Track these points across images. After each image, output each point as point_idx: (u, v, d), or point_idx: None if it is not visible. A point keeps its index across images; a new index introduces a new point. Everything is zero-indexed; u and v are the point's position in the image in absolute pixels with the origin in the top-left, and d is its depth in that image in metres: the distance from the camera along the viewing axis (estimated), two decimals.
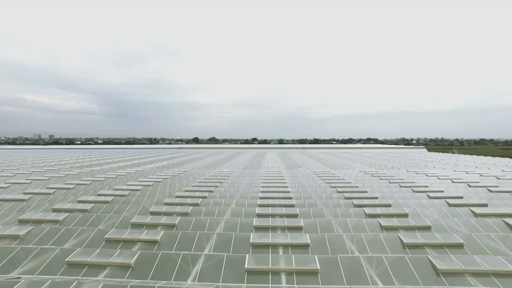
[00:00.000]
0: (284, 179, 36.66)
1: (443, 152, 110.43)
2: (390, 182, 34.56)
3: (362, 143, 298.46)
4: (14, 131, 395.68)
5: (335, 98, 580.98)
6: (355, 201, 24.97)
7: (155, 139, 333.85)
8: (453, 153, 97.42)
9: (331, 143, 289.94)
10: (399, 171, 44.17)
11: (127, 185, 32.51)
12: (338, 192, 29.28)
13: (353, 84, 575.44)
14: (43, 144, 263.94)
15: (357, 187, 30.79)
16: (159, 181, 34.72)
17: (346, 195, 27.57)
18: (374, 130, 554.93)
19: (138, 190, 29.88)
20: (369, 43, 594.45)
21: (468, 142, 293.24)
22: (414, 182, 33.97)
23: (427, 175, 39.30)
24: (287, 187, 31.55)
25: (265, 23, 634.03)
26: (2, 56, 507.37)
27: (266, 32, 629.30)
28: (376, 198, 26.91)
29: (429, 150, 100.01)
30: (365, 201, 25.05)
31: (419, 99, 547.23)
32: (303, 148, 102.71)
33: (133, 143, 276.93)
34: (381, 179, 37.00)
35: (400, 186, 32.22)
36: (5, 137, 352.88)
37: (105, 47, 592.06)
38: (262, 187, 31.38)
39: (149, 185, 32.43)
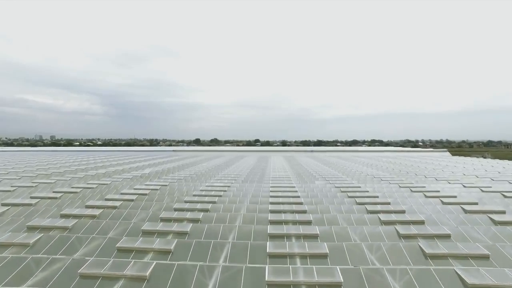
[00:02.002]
0: (301, 201, 26.40)
1: (466, 155, 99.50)
2: (443, 203, 24.33)
3: (367, 145, 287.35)
4: (16, 131, 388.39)
5: (336, 99, 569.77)
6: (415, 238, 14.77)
7: (155, 140, 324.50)
8: (485, 157, 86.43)
9: (336, 145, 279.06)
10: (450, 186, 33.77)
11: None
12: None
13: (354, 85, 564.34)
14: (41, 145, 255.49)
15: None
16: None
17: (401, 230, 17.44)
18: (376, 132, 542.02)
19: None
20: (370, 44, 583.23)
21: (477, 144, 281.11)
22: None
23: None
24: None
25: (266, 24, 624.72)
26: (3, 56, 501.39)
27: (267, 33, 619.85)
28: (438, 226, 16.86)
29: (452, 154, 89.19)
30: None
31: (420, 101, 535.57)
32: (311, 151, 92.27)
33: (133, 145, 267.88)
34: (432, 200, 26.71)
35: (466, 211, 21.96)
36: (6, 138, 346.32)
37: (105, 47, 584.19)
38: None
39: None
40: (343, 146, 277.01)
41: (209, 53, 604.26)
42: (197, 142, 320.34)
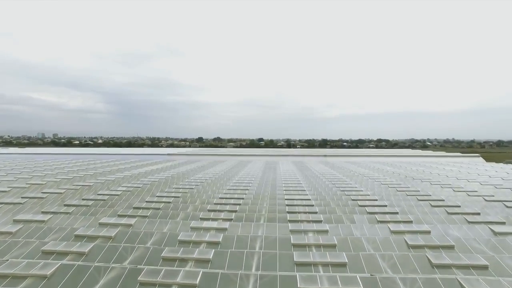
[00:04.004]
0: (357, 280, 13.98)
1: (488, 159, 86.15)
2: None
3: (374, 145, 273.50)
4: (20, 129, 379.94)
5: (340, 99, 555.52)
6: None
7: (157, 139, 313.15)
8: None
9: (343, 145, 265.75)
10: None
11: None
12: None
13: (358, 85, 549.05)
14: (40, 144, 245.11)
15: None
16: None
17: None
18: (380, 131, 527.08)
19: None
20: (374, 43, 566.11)
21: (488, 143, 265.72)
22: None
23: None
24: None
25: (271, 24, 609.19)
26: (9, 55, 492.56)
27: (271, 32, 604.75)
28: None
29: (483, 158, 75.96)
30: None
31: (423, 100, 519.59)
32: (324, 156, 79.57)
33: (134, 144, 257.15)
34: None
35: None
36: (8, 136, 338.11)
37: (110, 46, 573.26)
38: None
39: None
40: (350, 145, 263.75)
41: (213, 52, 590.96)
42: (200, 140, 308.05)
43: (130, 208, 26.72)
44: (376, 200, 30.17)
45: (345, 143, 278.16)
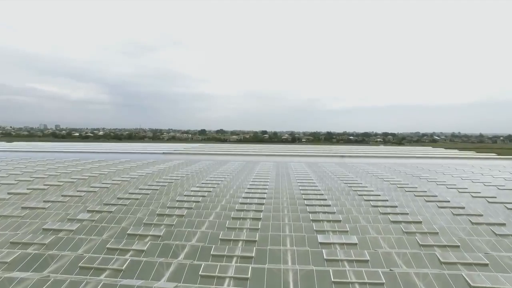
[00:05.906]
0: None
1: None
2: None
3: (380, 138, 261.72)
4: (23, 120, 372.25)
5: (344, 91, 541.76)
6: None
7: (160, 130, 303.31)
8: None
9: (349, 138, 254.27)
10: None
11: None
12: None
13: (361, 77, 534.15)
14: (40, 136, 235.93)
15: None
16: None
17: None
18: (383, 124, 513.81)
19: None
20: (380, 35, 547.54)
21: (502, 139, 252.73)
22: None
23: None
24: None
25: (275, 15, 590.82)
26: (13, 46, 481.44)
27: (275, 24, 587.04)
28: None
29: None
30: None
31: (427, 93, 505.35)
32: (341, 156, 68.97)
33: (135, 137, 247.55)
34: None
35: None
36: (10, 127, 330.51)
37: (113, 37, 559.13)
38: None
39: None
40: (356, 139, 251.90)
41: (216, 44, 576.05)
42: (203, 133, 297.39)
43: (79, 260, 16.42)
44: (456, 245, 19.70)
45: (351, 137, 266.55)
